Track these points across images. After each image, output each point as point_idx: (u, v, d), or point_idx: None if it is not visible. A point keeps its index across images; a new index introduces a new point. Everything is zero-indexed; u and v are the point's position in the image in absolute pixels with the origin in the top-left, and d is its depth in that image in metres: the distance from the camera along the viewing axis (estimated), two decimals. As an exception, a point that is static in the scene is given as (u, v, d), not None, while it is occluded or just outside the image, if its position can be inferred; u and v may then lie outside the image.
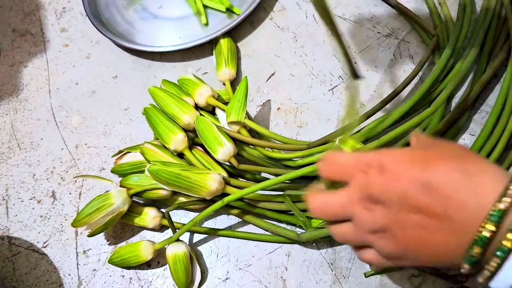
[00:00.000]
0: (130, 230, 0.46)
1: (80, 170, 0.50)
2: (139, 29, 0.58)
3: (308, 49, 0.54)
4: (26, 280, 0.44)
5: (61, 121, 0.53)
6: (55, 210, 0.48)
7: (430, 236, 0.25)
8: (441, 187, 0.24)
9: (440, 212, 0.24)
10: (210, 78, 0.53)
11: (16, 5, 0.62)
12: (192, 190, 0.40)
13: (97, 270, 0.44)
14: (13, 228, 0.47)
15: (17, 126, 0.53)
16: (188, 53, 0.55)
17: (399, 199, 0.25)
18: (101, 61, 0.57)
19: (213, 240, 0.44)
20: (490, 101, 0.48)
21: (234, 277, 0.43)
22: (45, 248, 0.46)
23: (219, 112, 0.47)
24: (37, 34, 0.60)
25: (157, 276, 0.43)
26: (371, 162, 0.27)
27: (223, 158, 0.43)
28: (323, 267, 0.42)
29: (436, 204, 0.24)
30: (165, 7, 0.59)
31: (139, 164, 0.45)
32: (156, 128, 0.44)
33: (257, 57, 0.54)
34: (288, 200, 0.41)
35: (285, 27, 0.56)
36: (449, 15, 0.53)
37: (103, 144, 0.51)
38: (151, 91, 0.46)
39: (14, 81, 0.56)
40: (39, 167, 0.50)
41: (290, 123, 0.50)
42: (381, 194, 0.26)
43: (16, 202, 0.49)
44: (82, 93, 0.55)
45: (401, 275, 0.41)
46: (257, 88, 0.52)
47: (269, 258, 0.43)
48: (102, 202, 0.41)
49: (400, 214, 0.26)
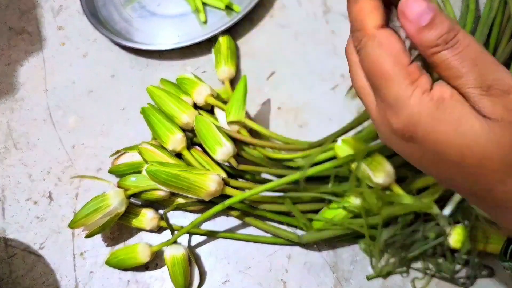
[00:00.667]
0: (128, 231, 0.45)
1: (77, 170, 0.49)
2: (137, 27, 0.57)
3: (309, 48, 0.53)
4: (23, 282, 0.44)
5: (58, 121, 0.52)
6: (52, 211, 0.47)
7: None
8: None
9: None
10: (209, 77, 0.53)
11: (13, 3, 0.62)
12: (190, 191, 0.40)
13: (94, 272, 0.44)
14: (9, 229, 0.47)
15: (13, 125, 0.53)
16: (186, 52, 0.54)
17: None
18: (98, 60, 0.56)
19: (212, 242, 0.44)
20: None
21: (233, 279, 0.42)
22: (42, 250, 0.45)
23: (218, 111, 0.47)
24: (33, 33, 0.59)
25: (155, 279, 0.43)
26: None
27: (222, 158, 0.42)
28: (324, 269, 0.41)
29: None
30: (163, 5, 0.58)
31: (137, 165, 0.44)
32: (154, 127, 0.44)
33: (257, 55, 0.54)
34: (289, 201, 0.41)
35: (286, 25, 0.55)
36: (452, 12, 0.52)
37: (100, 144, 0.50)
38: (149, 90, 0.46)
39: (10, 80, 0.56)
40: (36, 168, 0.50)
41: (290, 123, 0.49)
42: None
43: (12, 203, 0.48)
44: (79, 92, 0.54)
45: (403, 278, 0.40)
46: (257, 87, 0.51)
47: (269, 260, 0.42)
48: (100, 203, 0.41)
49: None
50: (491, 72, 0.20)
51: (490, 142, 0.20)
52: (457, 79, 0.21)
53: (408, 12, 0.21)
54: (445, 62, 0.21)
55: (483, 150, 0.21)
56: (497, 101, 0.20)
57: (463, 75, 0.21)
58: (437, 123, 0.21)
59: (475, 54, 0.21)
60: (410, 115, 0.21)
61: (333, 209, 0.40)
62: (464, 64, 0.21)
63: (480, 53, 0.21)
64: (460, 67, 0.21)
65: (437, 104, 0.21)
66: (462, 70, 0.21)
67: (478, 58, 0.21)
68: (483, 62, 0.21)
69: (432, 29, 0.21)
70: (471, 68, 0.20)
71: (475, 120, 0.21)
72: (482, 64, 0.20)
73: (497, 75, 0.20)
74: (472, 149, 0.21)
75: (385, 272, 0.40)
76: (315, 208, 0.42)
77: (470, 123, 0.21)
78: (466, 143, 0.21)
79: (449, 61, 0.21)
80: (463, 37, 0.21)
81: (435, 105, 0.21)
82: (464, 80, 0.21)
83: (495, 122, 0.20)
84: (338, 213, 0.40)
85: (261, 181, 0.44)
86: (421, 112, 0.21)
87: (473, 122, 0.21)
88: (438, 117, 0.21)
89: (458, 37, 0.21)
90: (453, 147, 0.21)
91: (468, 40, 0.21)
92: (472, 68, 0.20)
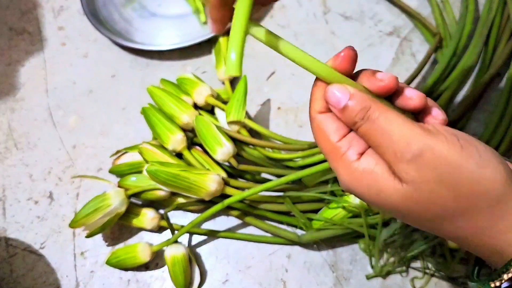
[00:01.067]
0: (128, 231, 0.45)
1: (78, 170, 0.49)
2: (137, 27, 0.57)
3: (308, 47, 0.53)
4: (23, 282, 0.44)
5: (59, 121, 0.52)
6: (53, 211, 0.47)
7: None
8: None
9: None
10: (209, 77, 0.53)
11: (13, 3, 0.62)
12: (190, 191, 0.40)
13: (94, 272, 0.44)
14: (10, 229, 0.47)
15: (14, 126, 0.53)
16: (187, 52, 0.55)
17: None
18: (99, 60, 0.56)
19: (213, 241, 0.44)
20: (493, 100, 0.47)
21: (233, 279, 0.42)
22: (43, 249, 0.45)
23: (219, 111, 0.47)
24: (34, 33, 0.59)
25: (155, 278, 0.43)
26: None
27: (222, 158, 0.42)
28: (324, 269, 0.41)
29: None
30: (164, 5, 0.58)
31: (137, 165, 0.44)
32: (154, 127, 0.44)
33: (257, 55, 0.54)
34: (289, 201, 0.41)
35: (286, 25, 0.55)
36: (452, 13, 0.52)
37: (101, 144, 0.50)
38: (149, 90, 0.46)
39: (11, 80, 0.56)
40: (36, 168, 0.50)
41: (290, 123, 0.49)
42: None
43: (13, 203, 0.48)
44: (79, 93, 0.54)
45: (403, 277, 0.40)
46: (257, 87, 0.52)
47: (269, 260, 0.42)
48: (100, 203, 0.41)
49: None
50: (403, 139, 0.23)
51: (408, 202, 0.23)
52: (377, 148, 0.24)
53: (328, 98, 0.25)
54: (365, 134, 0.24)
55: (407, 211, 0.24)
56: (409, 166, 0.23)
57: (380, 145, 0.24)
58: (366, 190, 0.25)
59: (387, 126, 0.23)
60: (343, 182, 0.26)
61: (333, 209, 0.41)
62: (379, 135, 0.24)
63: (392, 123, 0.23)
64: (377, 138, 0.24)
65: (363, 172, 0.25)
66: (379, 140, 0.24)
67: (391, 128, 0.23)
68: (396, 131, 0.23)
69: (348, 110, 0.24)
70: (385, 138, 0.23)
71: (392, 184, 0.24)
72: (395, 133, 0.23)
73: (409, 140, 0.23)
74: (398, 209, 0.24)
75: (385, 271, 0.40)
76: (314, 208, 0.42)
77: (390, 188, 0.24)
78: (389, 203, 0.24)
79: (368, 134, 0.24)
80: (374, 112, 0.24)
81: (361, 174, 0.25)
82: (382, 149, 0.24)
83: (410, 184, 0.23)
84: (337, 213, 0.40)
85: (261, 181, 0.44)
86: (350, 180, 0.25)
87: (391, 186, 0.24)
88: (365, 184, 0.24)
89: (369, 112, 0.24)
90: (381, 207, 0.25)
91: (378, 113, 0.24)
92: (386, 138, 0.23)
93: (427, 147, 0.22)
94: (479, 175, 0.22)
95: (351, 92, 0.25)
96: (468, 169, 0.22)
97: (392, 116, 0.24)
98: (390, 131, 0.23)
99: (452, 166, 0.22)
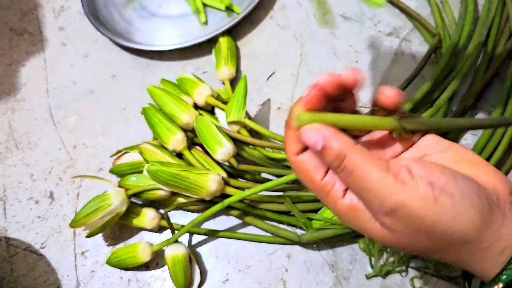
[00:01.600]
0: (129, 231, 0.45)
1: (78, 170, 0.49)
2: (137, 27, 0.57)
3: (308, 48, 0.54)
4: (24, 282, 0.44)
5: (59, 121, 0.52)
6: (53, 210, 0.47)
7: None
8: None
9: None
10: (209, 78, 0.53)
11: (14, 3, 0.62)
12: (191, 191, 0.40)
13: (95, 271, 0.44)
14: (10, 228, 0.47)
15: (14, 126, 0.53)
16: (187, 52, 0.55)
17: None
18: (99, 60, 0.56)
19: (213, 241, 0.44)
20: (492, 101, 0.47)
21: (233, 279, 0.42)
22: (43, 249, 0.45)
23: (219, 111, 0.47)
24: (35, 33, 0.59)
25: (155, 278, 0.43)
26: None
27: (222, 158, 0.42)
28: (324, 268, 0.41)
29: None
30: (164, 6, 0.59)
31: (137, 164, 0.44)
32: (155, 127, 0.44)
33: (257, 56, 0.54)
34: (289, 201, 0.41)
35: (286, 25, 0.55)
36: (451, 14, 0.52)
37: (101, 144, 0.50)
38: (150, 91, 0.46)
39: (11, 80, 0.56)
40: (37, 168, 0.50)
41: (290, 123, 0.49)
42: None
43: (13, 203, 0.48)
44: (80, 93, 0.54)
45: (402, 277, 0.40)
46: (257, 88, 0.52)
47: (269, 259, 0.43)
48: (101, 202, 0.41)
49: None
50: (378, 195, 0.23)
51: (390, 241, 0.25)
52: (356, 194, 0.25)
53: (305, 140, 0.25)
54: (343, 181, 0.25)
55: (390, 245, 0.25)
56: (385, 219, 0.24)
57: (358, 194, 0.24)
58: (353, 225, 0.26)
59: (362, 182, 0.23)
60: (335, 214, 0.27)
61: (333, 209, 0.41)
62: (356, 188, 0.24)
63: (367, 178, 0.23)
64: (354, 189, 0.24)
65: (348, 210, 0.25)
66: (356, 191, 0.24)
67: (365, 185, 0.23)
68: (370, 186, 0.23)
69: (325, 154, 0.24)
70: (362, 192, 0.24)
71: (373, 225, 0.25)
72: (370, 189, 0.23)
73: (383, 197, 0.23)
74: (383, 242, 0.25)
75: (384, 271, 0.40)
76: (314, 208, 0.42)
77: (372, 228, 0.25)
78: (375, 238, 0.25)
79: (345, 182, 0.25)
80: (349, 163, 0.24)
81: (347, 211, 0.26)
82: (361, 197, 0.24)
83: (389, 230, 0.24)
84: (337, 213, 0.40)
85: (261, 181, 0.44)
86: (339, 214, 0.26)
87: (372, 227, 0.25)
88: (351, 220, 0.26)
89: (344, 163, 0.24)
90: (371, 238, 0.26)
91: (354, 165, 0.24)
92: (363, 193, 0.24)
93: (400, 204, 0.23)
94: (453, 228, 0.23)
95: (326, 135, 0.24)
96: (441, 224, 0.23)
97: (366, 169, 0.23)
98: (365, 187, 0.23)
99: (425, 223, 0.23)
